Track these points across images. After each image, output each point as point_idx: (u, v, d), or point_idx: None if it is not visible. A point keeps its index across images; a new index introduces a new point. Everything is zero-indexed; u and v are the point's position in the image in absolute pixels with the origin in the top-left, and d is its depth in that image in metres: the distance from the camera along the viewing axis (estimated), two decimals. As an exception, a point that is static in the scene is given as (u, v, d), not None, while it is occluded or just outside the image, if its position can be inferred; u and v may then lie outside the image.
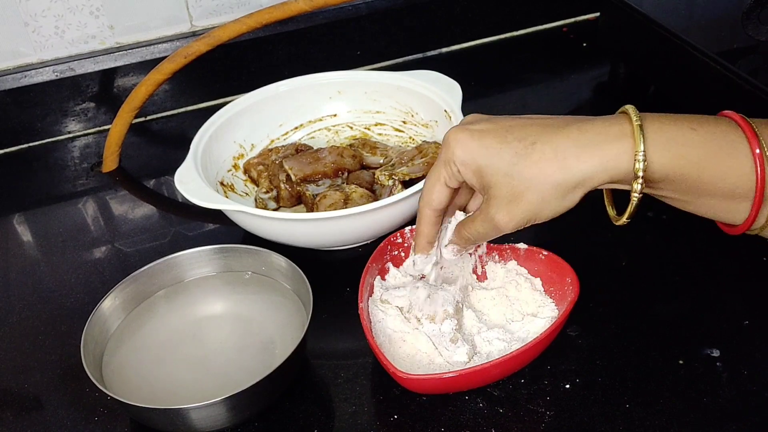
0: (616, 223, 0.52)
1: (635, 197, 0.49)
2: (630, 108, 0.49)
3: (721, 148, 0.48)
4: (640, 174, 0.47)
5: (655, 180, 0.48)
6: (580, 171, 0.48)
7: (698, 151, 0.48)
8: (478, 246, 0.64)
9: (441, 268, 0.61)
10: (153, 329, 0.65)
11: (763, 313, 0.63)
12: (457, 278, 0.62)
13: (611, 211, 0.54)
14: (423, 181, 0.58)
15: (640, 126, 0.47)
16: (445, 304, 0.59)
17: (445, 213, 0.57)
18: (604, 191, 0.55)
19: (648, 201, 0.75)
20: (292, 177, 0.77)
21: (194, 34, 0.98)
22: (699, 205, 0.50)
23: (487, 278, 0.65)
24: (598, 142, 0.48)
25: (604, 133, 0.48)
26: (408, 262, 0.63)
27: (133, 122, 0.90)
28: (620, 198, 0.52)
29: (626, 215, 0.50)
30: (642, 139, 0.47)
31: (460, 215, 0.58)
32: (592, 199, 0.79)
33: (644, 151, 0.47)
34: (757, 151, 0.47)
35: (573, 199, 0.50)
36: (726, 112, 0.51)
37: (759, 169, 0.47)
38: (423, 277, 0.62)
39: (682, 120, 0.49)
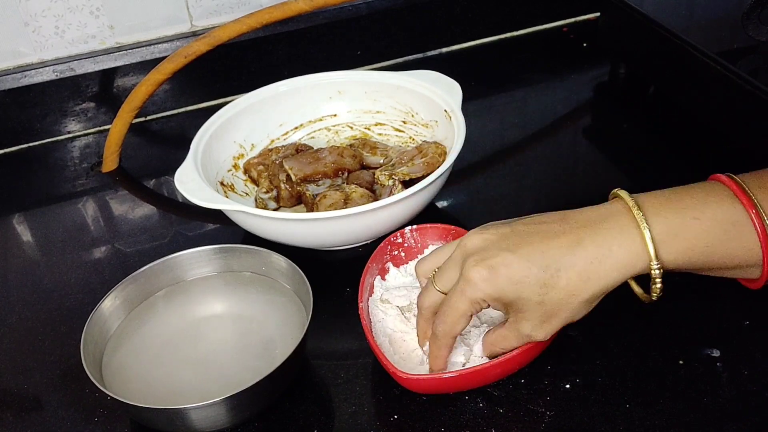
0: (646, 302, 0.55)
1: (657, 288, 0.52)
2: (626, 197, 0.52)
3: (726, 232, 0.51)
4: (659, 281, 0.51)
5: (668, 271, 0.52)
6: (604, 285, 0.51)
7: (704, 241, 0.51)
8: None
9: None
10: (153, 329, 0.65)
11: (764, 313, 0.62)
12: None
13: (638, 290, 0.56)
14: (430, 253, 0.59)
15: (648, 230, 0.50)
16: None
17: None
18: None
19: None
20: (292, 177, 0.77)
21: (194, 34, 0.98)
22: (712, 274, 0.54)
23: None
24: (612, 255, 0.51)
25: (617, 244, 0.51)
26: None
27: (133, 122, 0.90)
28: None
29: (654, 297, 0.53)
30: (653, 248, 0.50)
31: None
32: (591, 196, 0.79)
33: (658, 260, 0.50)
34: (758, 226, 0.50)
35: (597, 302, 0.53)
36: (719, 176, 0.53)
37: (763, 243, 0.50)
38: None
39: (683, 208, 0.51)
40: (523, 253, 0.51)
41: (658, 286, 0.51)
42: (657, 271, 0.51)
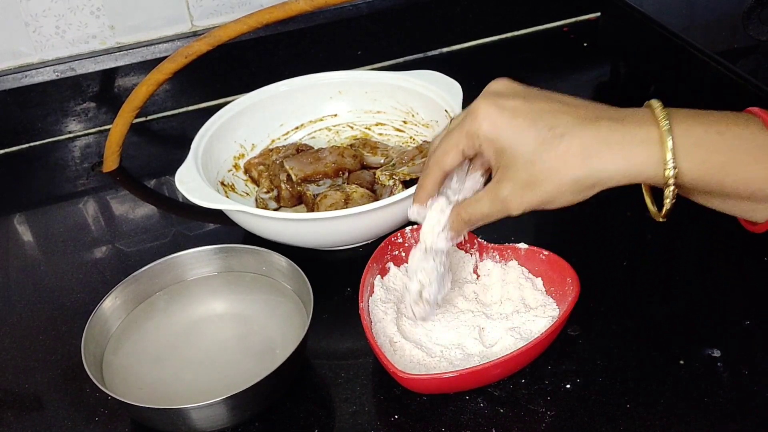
0: (658, 220, 0.52)
1: (668, 202, 0.49)
2: (656, 105, 0.48)
3: (747, 152, 0.47)
4: (672, 182, 0.47)
5: (676, 183, 0.48)
6: (602, 171, 0.48)
7: (723, 157, 0.47)
8: (473, 243, 0.63)
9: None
10: (154, 329, 0.65)
11: (764, 313, 0.62)
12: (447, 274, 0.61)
13: (652, 208, 0.53)
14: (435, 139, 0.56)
15: (669, 130, 0.47)
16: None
17: (445, 178, 0.56)
18: (643, 187, 0.54)
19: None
20: (293, 177, 0.77)
21: (195, 34, 0.98)
22: (719, 204, 0.51)
23: (488, 277, 0.65)
24: (624, 143, 0.47)
25: (632, 134, 0.48)
26: (410, 207, 0.59)
27: (134, 122, 0.90)
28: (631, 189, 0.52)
29: (663, 214, 0.50)
30: (671, 147, 0.46)
31: (442, 201, 0.56)
32: (593, 197, 0.79)
33: (674, 159, 0.47)
34: None
35: (586, 195, 0.50)
36: (753, 108, 0.50)
37: None
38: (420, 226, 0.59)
39: (709, 121, 0.48)
40: (535, 107, 0.49)
41: (671, 189, 0.48)
42: (671, 171, 0.47)
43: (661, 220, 0.51)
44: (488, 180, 0.54)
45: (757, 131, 0.48)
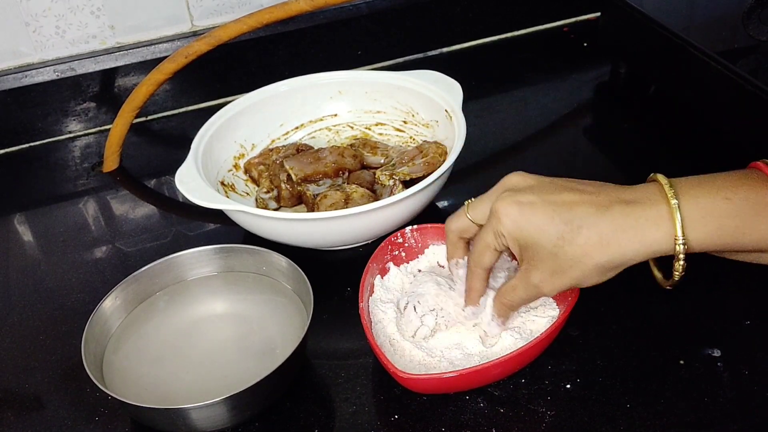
0: (664, 287, 0.55)
1: (677, 274, 0.52)
2: (663, 181, 0.51)
3: (757, 213, 0.50)
4: (681, 256, 0.50)
5: (694, 252, 0.51)
6: (622, 255, 0.51)
7: (735, 221, 0.50)
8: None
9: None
10: (154, 329, 0.65)
11: (764, 313, 0.62)
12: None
13: (658, 275, 0.56)
14: (447, 222, 0.60)
15: (678, 206, 0.50)
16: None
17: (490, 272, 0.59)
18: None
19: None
20: (293, 177, 0.77)
21: (195, 34, 0.98)
22: (743, 258, 0.54)
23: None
24: (638, 227, 0.50)
25: (644, 217, 0.50)
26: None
27: (134, 122, 0.90)
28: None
29: (669, 284, 0.54)
30: (680, 224, 0.49)
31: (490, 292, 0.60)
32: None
33: (684, 237, 0.49)
34: None
35: (612, 274, 0.53)
36: (757, 163, 0.52)
37: None
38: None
39: (716, 189, 0.51)
40: (551, 201, 0.52)
41: (681, 264, 0.51)
42: (681, 247, 0.50)
43: (668, 288, 0.55)
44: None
45: (763, 188, 0.50)
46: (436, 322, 0.60)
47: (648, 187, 0.52)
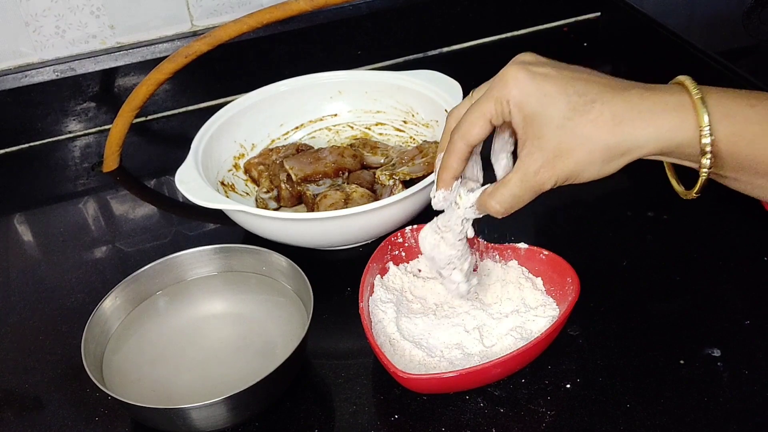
0: (686, 198, 0.51)
1: (704, 173, 0.47)
2: (686, 79, 0.48)
3: None
4: (708, 149, 0.46)
5: (713, 157, 0.47)
6: (633, 138, 0.47)
7: (755, 129, 0.46)
8: (473, 243, 0.63)
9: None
10: (154, 329, 0.65)
11: (764, 313, 0.62)
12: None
13: (678, 186, 0.52)
14: (457, 117, 0.53)
15: (702, 99, 0.46)
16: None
17: (472, 152, 0.53)
18: (666, 166, 0.54)
19: (650, 200, 0.75)
20: (293, 177, 0.77)
21: (195, 34, 0.98)
22: (747, 184, 0.49)
23: (488, 277, 0.65)
24: (656, 110, 0.47)
25: (663, 101, 0.47)
26: (433, 194, 0.56)
27: (134, 122, 0.90)
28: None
29: (696, 189, 0.49)
30: (706, 113, 0.45)
31: (468, 192, 0.54)
32: (592, 196, 0.79)
33: (710, 125, 0.45)
34: None
35: (616, 165, 0.48)
36: None
37: None
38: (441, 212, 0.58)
39: (740, 96, 0.47)
40: (566, 75, 0.49)
41: (708, 158, 0.46)
42: (708, 139, 0.45)
43: (693, 196, 0.50)
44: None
45: None
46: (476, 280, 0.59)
47: (670, 84, 0.49)
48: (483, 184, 0.56)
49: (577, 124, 0.47)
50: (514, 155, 0.52)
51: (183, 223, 0.81)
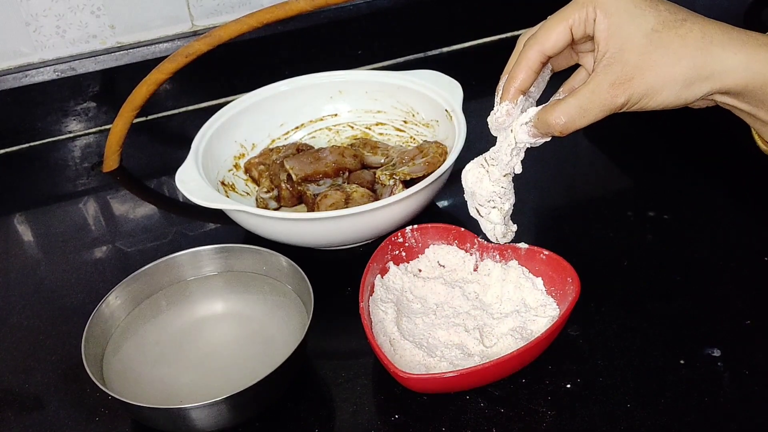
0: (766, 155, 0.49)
1: None
2: None
3: None
4: None
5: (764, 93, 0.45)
6: (721, 61, 0.45)
7: None
8: (473, 243, 0.62)
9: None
10: (154, 329, 0.65)
11: (765, 313, 0.62)
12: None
13: (763, 145, 0.50)
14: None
15: None
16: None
17: (543, 67, 0.50)
18: (753, 131, 0.52)
19: (650, 200, 0.75)
20: (293, 177, 0.77)
21: (195, 34, 0.98)
22: None
23: (488, 277, 0.65)
24: (749, 42, 0.45)
25: (755, 36, 0.45)
26: (495, 110, 0.54)
27: (134, 122, 0.90)
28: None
29: None
30: None
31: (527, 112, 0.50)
32: (592, 196, 0.79)
33: None
34: None
35: (696, 93, 0.46)
36: None
37: None
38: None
39: None
40: None
41: None
42: None
43: None
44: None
45: None
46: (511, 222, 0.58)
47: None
48: None
49: (664, 37, 0.45)
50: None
51: (183, 223, 0.81)
